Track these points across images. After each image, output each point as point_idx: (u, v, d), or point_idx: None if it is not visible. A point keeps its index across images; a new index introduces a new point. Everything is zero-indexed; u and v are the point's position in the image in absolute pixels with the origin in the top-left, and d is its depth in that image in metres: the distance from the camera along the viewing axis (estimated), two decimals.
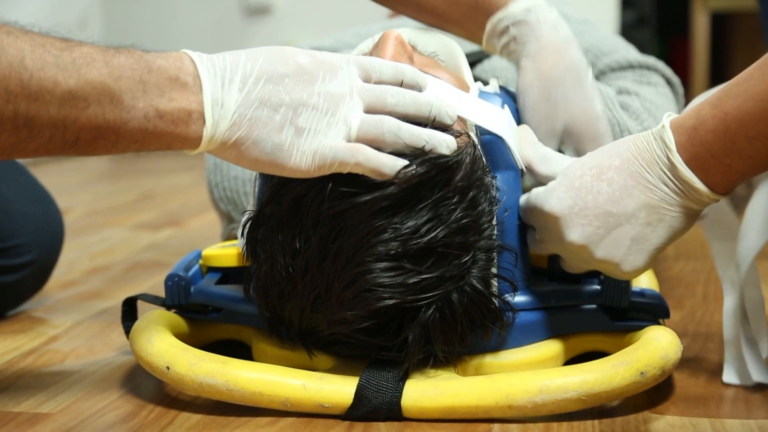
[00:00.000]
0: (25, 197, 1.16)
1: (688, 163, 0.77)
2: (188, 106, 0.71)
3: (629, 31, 3.10)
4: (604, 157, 0.80)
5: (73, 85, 0.68)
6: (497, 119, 0.84)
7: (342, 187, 0.75)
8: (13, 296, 1.15)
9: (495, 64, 1.15)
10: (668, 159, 0.77)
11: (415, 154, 0.75)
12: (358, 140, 0.75)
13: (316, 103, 0.73)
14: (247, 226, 0.80)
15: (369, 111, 0.76)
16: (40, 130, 0.68)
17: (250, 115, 0.72)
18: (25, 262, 1.13)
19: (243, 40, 3.03)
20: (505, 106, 0.87)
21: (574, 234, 0.81)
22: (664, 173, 0.78)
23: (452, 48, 0.93)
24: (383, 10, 1.23)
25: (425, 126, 0.77)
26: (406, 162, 0.75)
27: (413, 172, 0.75)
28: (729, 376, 0.86)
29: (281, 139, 0.73)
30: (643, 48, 2.21)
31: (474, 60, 1.16)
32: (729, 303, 0.88)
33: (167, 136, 0.72)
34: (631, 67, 1.23)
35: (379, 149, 0.75)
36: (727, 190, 0.78)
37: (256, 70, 0.73)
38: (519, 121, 0.93)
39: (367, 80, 0.77)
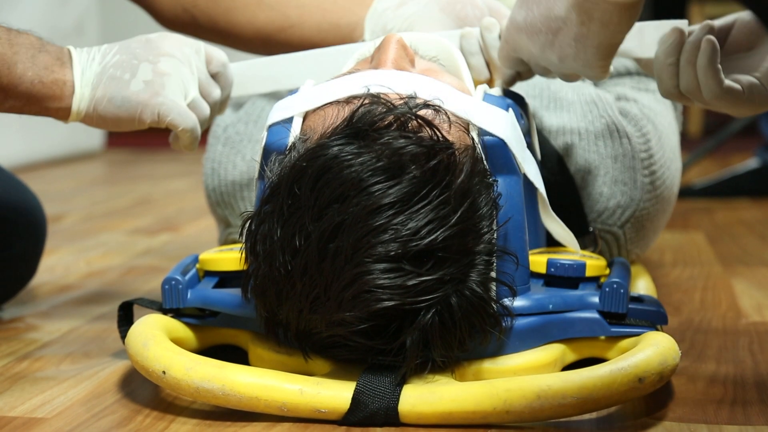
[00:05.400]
0: (1, 189, 1.16)
1: None
2: (63, 77, 0.92)
3: None
4: None
5: None
6: (501, 122, 0.84)
7: (343, 183, 0.75)
8: (6, 289, 1.15)
9: None
10: None
11: (412, 154, 0.75)
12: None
13: (161, 65, 0.93)
14: (248, 223, 0.80)
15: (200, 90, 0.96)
16: None
17: (105, 78, 0.93)
18: (14, 253, 1.13)
19: None
20: (510, 109, 0.87)
21: (535, 43, 0.87)
22: None
23: (452, 52, 0.93)
24: None
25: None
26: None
27: (414, 174, 0.75)
28: None
29: (128, 91, 0.92)
30: None
31: None
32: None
33: (46, 100, 0.92)
34: (629, 74, 1.23)
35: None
36: None
37: (113, 49, 0.94)
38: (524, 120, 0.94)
39: (207, 63, 0.98)
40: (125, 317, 0.94)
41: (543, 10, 0.85)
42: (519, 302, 0.84)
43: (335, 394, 0.77)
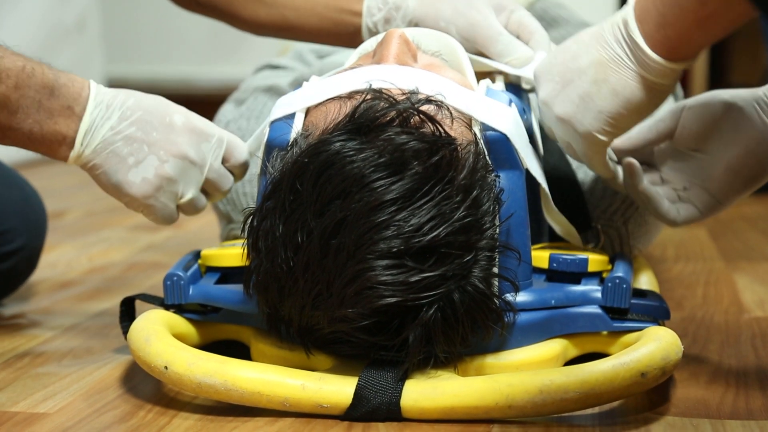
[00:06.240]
0: (1, 184, 1.16)
1: (637, 18, 0.77)
2: (66, 131, 0.87)
3: None
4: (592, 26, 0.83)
5: None
6: (503, 117, 0.84)
7: (345, 179, 0.74)
8: (6, 284, 1.15)
9: None
10: (626, 16, 0.78)
11: (415, 150, 0.75)
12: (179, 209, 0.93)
13: (167, 167, 0.89)
14: (250, 219, 0.80)
15: (204, 186, 0.93)
16: None
17: (110, 150, 0.88)
18: (14, 248, 1.13)
19: (241, 42, 3.03)
20: (512, 104, 0.87)
21: (541, 90, 0.84)
22: (620, 31, 0.79)
23: (454, 47, 0.92)
24: None
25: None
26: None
27: (417, 170, 0.75)
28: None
29: (125, 179, 0.89)
30: None
31: None
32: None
33: (42, 147, 0.88)
34: None
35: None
36: (669, 54, 0.76)
37: (134, 114, 0.88)
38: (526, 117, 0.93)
39: (225, 160, 0.93)
40: (127, 313, 0.94)
41: (568, 57, 0.82)
42: (521, 297, 0.84)
43: (337, 389, 0.77)
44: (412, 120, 0.78)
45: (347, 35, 1.06)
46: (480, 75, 0.96)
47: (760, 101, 0.89)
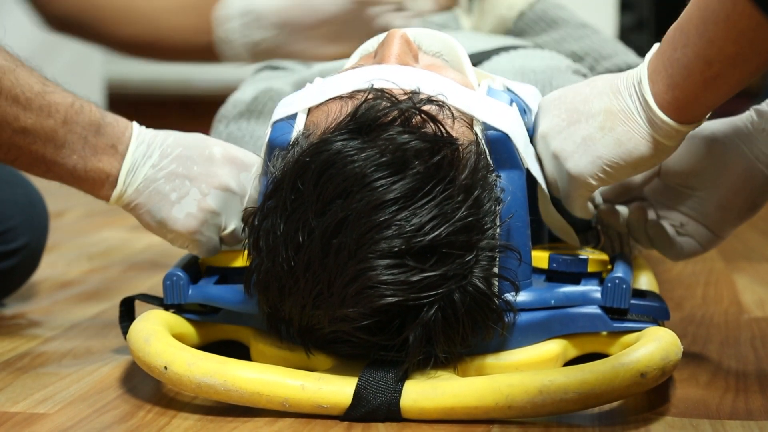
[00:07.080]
0: (2, 182, 1.16)
1: (649, 77, 0.78)
2: (109, 170, 0.88)
3: (628, 34, 3.09)
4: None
5: (29, 125, 0.84)
6: (504, 117, 0.84)
7: (346, 178, 0.74)
8: (8, 283, 1.15)
9: (495, 65, 1.15)
10: (641, 73, 0.79)
11: (416, 149, 0.75)
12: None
13: (209, 200, 0.89)
14: (251, 218, 0.80)
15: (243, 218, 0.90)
16: None
17: (152, 188, 0.88)
18: (17, 247, 1.13)
19: None
20: (513, 103, 0.87)
21: (543, 122, 0.85)
22: (634, 87, 0.80)
23: (455, 48, 0.92)
24: None
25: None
26: None
27: (418, 170, 0.75)
28: None
29: (169, 215, 0.89)
30: (642, 52, 2.20)
31: (475, 62, 1.15)
32: None
33: (86, 184, 0.89)
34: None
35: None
36: (677, 116, 0.77)
37: (174, 151, 0.89)
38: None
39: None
40: (127, 313, 0.94)
41: (579, 99, 0.83)
42: (521, 297, 0.84)
43: (337, 389, 0.77)
44: (413, 120, 0.78)
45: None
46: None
47: (741, 134, 0.89)
